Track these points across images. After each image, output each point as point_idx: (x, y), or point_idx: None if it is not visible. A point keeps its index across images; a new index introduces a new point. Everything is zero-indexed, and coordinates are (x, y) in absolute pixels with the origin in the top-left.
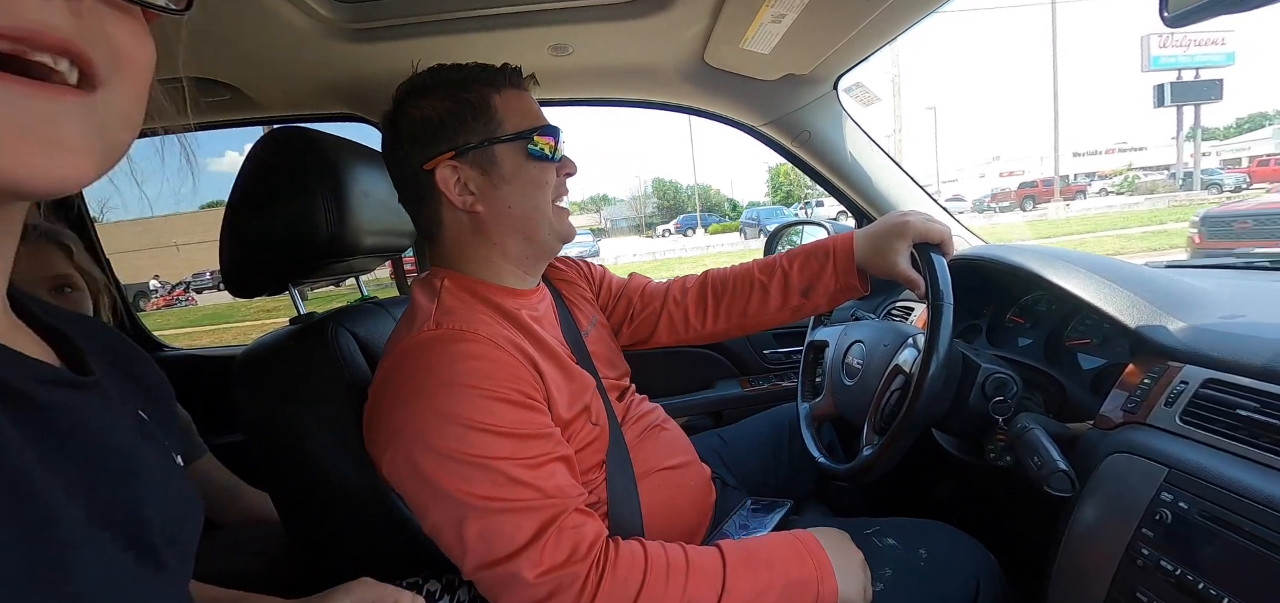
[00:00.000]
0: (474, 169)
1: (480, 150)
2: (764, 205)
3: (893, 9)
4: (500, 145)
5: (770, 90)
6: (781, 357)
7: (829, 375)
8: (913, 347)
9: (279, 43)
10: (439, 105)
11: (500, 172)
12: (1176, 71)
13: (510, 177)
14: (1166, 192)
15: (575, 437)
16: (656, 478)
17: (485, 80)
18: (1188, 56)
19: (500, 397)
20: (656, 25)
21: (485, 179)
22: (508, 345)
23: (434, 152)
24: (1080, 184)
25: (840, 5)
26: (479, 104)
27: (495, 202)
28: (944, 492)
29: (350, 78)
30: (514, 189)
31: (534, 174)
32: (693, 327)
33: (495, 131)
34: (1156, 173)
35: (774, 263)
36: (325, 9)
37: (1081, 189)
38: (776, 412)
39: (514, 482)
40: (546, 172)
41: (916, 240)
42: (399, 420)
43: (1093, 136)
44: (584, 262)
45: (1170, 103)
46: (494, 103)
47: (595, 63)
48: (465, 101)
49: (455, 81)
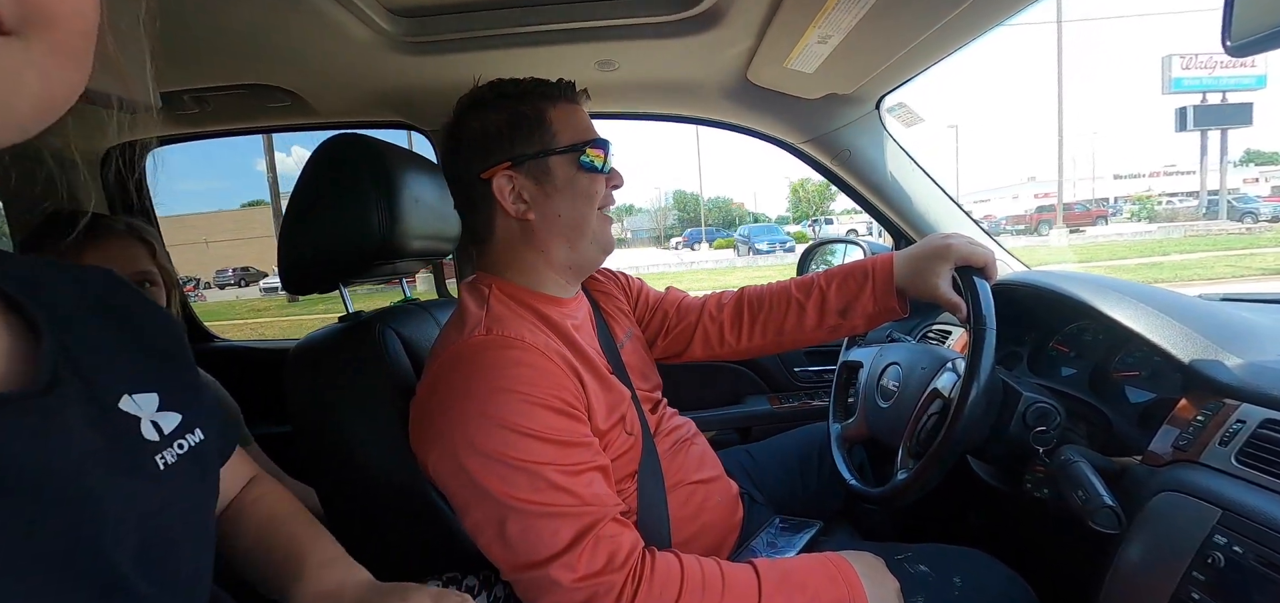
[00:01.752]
0: (528, 179)
1: (535, 161)
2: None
3: (941, 32)
4: (554, 156)
5: (812, 108)
6: (812, 375)
7: (862, 397)
8: (952, 371)
9: (341, 53)
10: (497, 118)
11: (553, 181)
12: (1201, 94)
13: (562, 186)
14: (1188, 220)
15: (611, 446)
16: (685, 491)
17: (541, 94)
18: (1213, 78)
19: (544, 404)
20: (701, 43)
21: (538, 188)
22: (554, 354)
23: (492, 161)
24: (1102, 208)
25: (887, 27)
26: (535, 117)
27: (546, 209)
28: (976, 519)
29: (404, 88)
30: (564, 198)
31: (584, 184)
32: (727, 342)
33: (550, 143)
34: (1189, 198)
35: (811, 282)
36: (387, 23)
37: (1103, 214)
38: (806, 431)
39: (553, 487)
40: (596, 182)
41: (959, 264)
42: (447, 421)
43: (1138, 158)
44: (622, 274)
45: (1193, 127)
46: (549, 116)
47: (639, 78)
48: (522, 114)
49: (513, 95)
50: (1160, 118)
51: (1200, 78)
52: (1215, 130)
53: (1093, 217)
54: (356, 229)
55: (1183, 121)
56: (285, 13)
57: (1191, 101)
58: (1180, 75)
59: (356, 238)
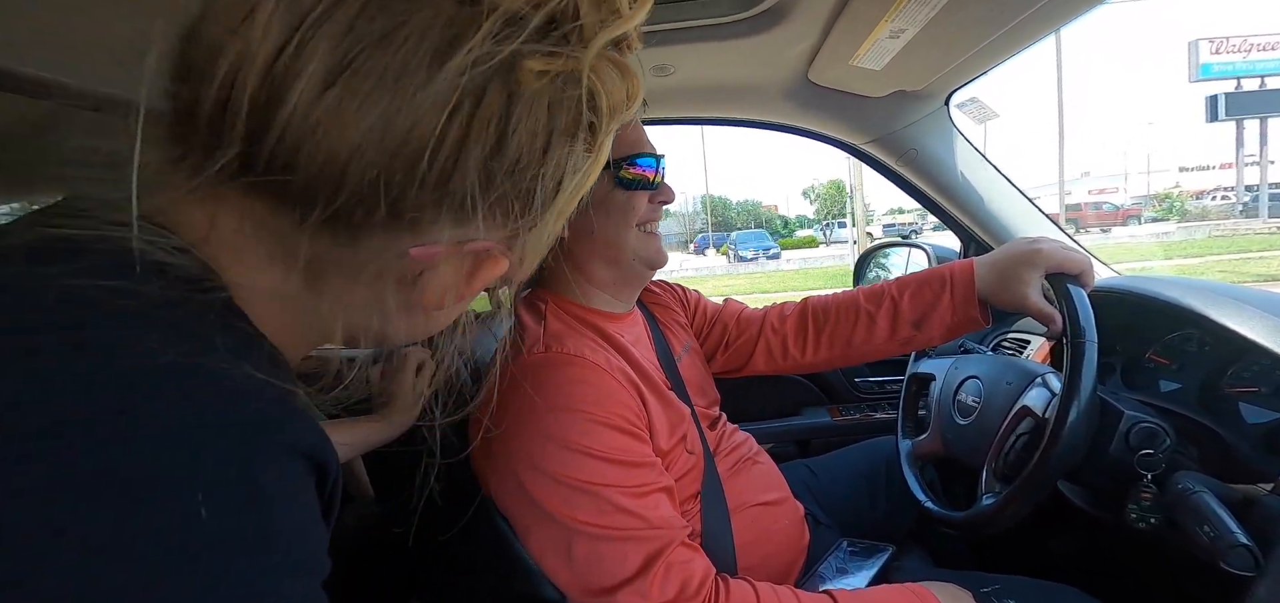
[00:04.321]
0: None
1: None
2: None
3: (1027, 21)
4: None
5: (876, 107)
6: (874, 386)
7: (936, 412)
8: (1042, 387)
9: None
10: None
11: (586, 198)
12: (1234, 80)
13: (595, 203)
14: (1219, 218)
15: (673, 466)
16: (750, 514)
17: None
18: (1247, 63)
19: (607, 423)
20: (761, 43)
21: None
22: (615, 371)
23: None
24: (1135, 208)
25: (968, 19)
26: None
27: (579, 228)
28: (1062, 547)
29: None
30: (598, 216)
31: (619, 202)
32: (792, 356)
33: None
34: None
35: (882, 291)
36: None
37: (1135, 213)
38: (871, 446)
39: (619, 510)
40: (634, 199)
41: (1050, 270)
42: (508, 442)
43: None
44: (678, 286)
45: (1226, 116)
46: None
47: (695, 82)
48: None
49: None
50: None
51: (1232, 62)
52: (1253, 119)
53: (1124, 216)
54: None
55: (1214, 111)
56: None
57: (1223, 89)
58: (1209, 61)
59: None
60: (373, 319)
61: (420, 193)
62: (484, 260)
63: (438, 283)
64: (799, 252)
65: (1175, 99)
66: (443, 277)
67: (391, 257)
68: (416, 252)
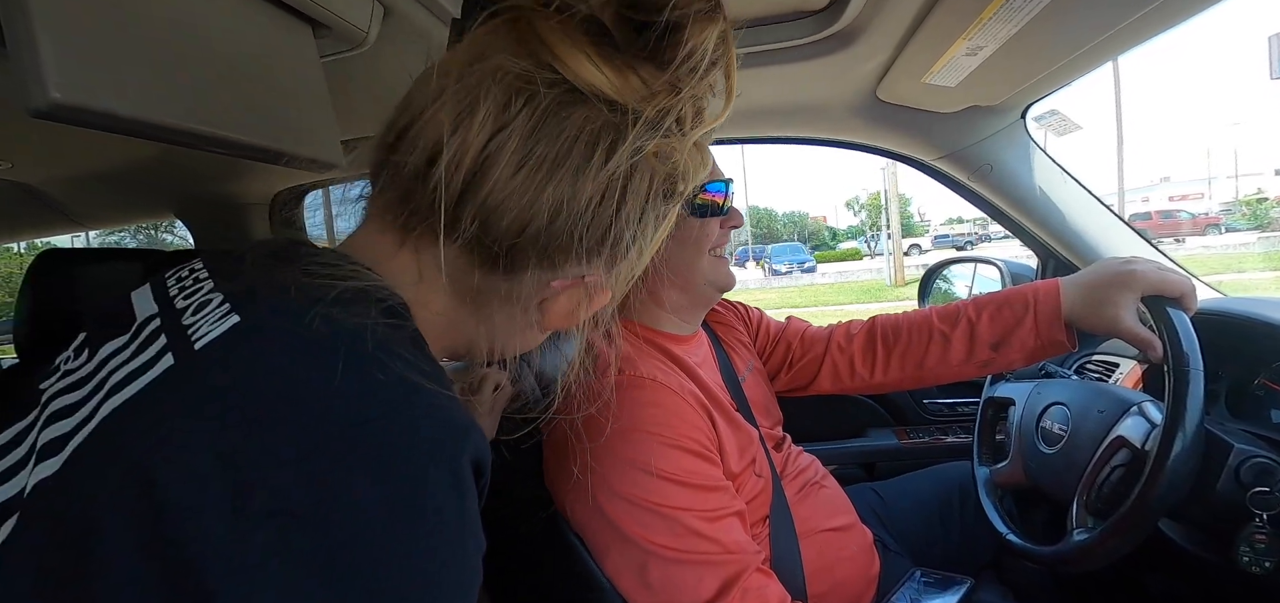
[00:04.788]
0: None
1: None
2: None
3: (1116, 36)
4: None
5: (948, 122)
6: (943, 408)
7: (1017, 439)
8: (1140, 416)
9: None
10: None
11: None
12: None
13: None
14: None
15: (743, 490)
16: (819, 539)
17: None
18: None
19: (679, 445)
20: (831, 64)
21: None
22: (686, 394)
23: None
24: (1213, 216)
25: (1050, 34)
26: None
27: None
28: (1159, 586)
29: None
30: (671, 242)
31: (693, 230)
32: (859, 376)
33: None
34: None
35: (957, 311)
36: None
37: (1215, 221)
38: (942, 471)
39: (693, 533)
40: (707, 225)
41: (1147, 293)
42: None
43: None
44: (740, 304)
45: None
46: None
47: (761, 103)
48: None
49: None
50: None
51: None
52: None
53: (1203, 224)
54: None
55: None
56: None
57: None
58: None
59: None
60: (510, 336)
61: (570, 244)
62: (596, 292)
63: (559, 309)
64: (841, 265)
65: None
66: (563, 304)
67: (537, 288)
68: (557, 284)
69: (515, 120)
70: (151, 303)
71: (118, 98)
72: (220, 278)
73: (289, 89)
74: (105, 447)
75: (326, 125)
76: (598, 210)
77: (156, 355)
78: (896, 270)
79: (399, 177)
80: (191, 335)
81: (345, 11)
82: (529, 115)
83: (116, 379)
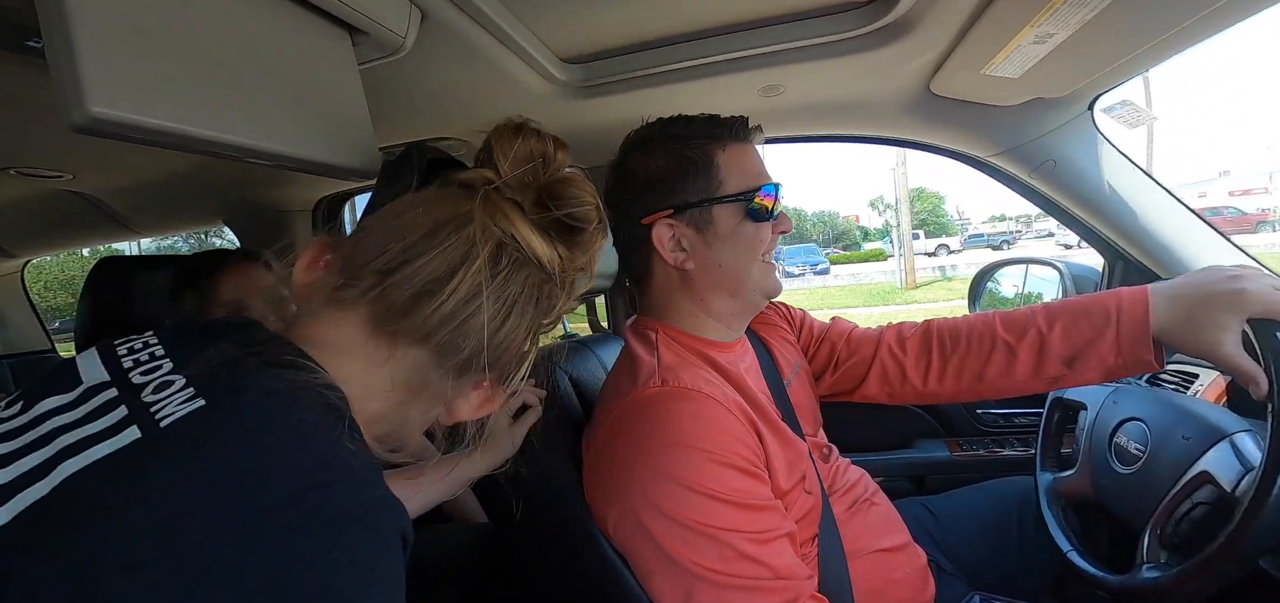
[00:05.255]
0: (689, 227)
1: (698, 209)
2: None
3: (1203, 20)
4: (718, 205)
5: (1007, 116)
6: (999, 419)
7: (1087, 450)
8: (1230, 451)
9: (516, 106)
10: (662, 162)
11: (715, 230)
12: None
13: (724, 235)
14: None
15: (792, 507)
16: (870, 560)
17: (710, 135)
18: None
19: (728, 462)
20: (880, 58)
21: (699, 237)
22: (733, 406)
23: (652, 207)
24: (1264, 213)
25: (1128, 20)
26: (701, 161)
27: (706, 259)
28: None
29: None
30: (726, 248)
31: (748, 234)
32: (911, 384)
33: (715, 191)
34: None
35: (1025, 320)
36: (561, 73)
37: (1265, 217)
38: (999, 486)
39: (743, 557)
40: (762, 230)
41: (1255, 316)
42: (625, 479)
43: None
44: (783, 303)
45: None
46: (717, 159)
47: (805, 101)
48: (688, 159)
49: (680, 137)
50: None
51: None
52: None
53: (1251, 222)
54: None
55: None
56: (472, 73)
57: None
58: None
59: None
60: (420, 423)
61: (502, 361)
62: (496, 396)
63: (470, 404)
64: (861, 266)
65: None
66: (474, 400)
67: (460, 389)
68: (480, 386)
69: (499, 272)
70: (102, 370)
71: (156, 111)
72: (179, 362)
73: (327, 97)
74: (72, 507)
75: (364, 134)
76: (521, 339)
77: (118, 425)
78: (907, 273)
79: (392, 293)
80: (155, 413)
81: (383, 17)
82: (507, 269)
83: (68, 441)
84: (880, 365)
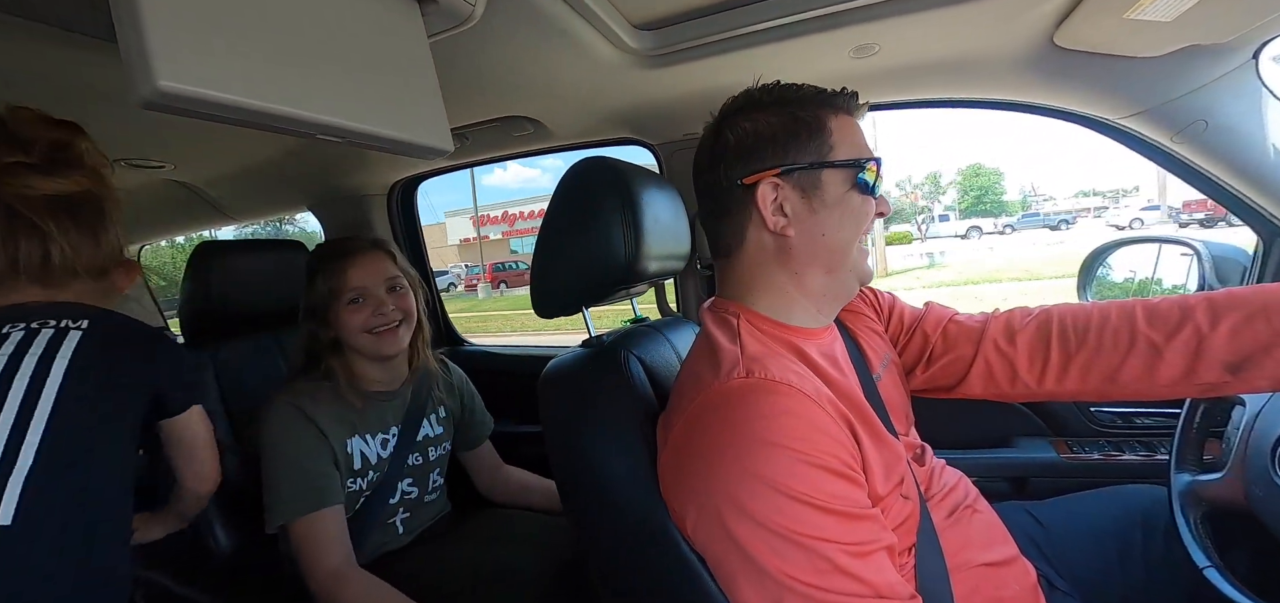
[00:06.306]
0: (795, 190)
1: (807, 172)
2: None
3: None
4: (828, 170)
5: (1150, 70)
6: (1116, 418)
7: (1242, 452)
8: None
9: (587, 78)
10: (773, 121)
11: (821, 196)
12: None
13: (831, 203)
14: None
15: (890, 515)
16: (973, 574)
17: (822, 101)
18: None
19: (822, 464)
20: (993, 9)
21: (804, 202)
22: (826, 402)
23: (759, 166)
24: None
25: None
26: (814, 124)
27: (809, 228)
28: None
29: (637, 104)
30: (832, 217)
31: (856, 205)
32: (1022, 383)
33: (826, 155)
34: None
35: (1179, 313)
36: (632, 40)
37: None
38: (1120, 493)
39: (839, 571)
40: (867, 204)
41: None
42: (707, 477)
43: None
44: (870, 288)
45: None
46: (829, 124)
47: (902, 61)
48: (801, 119)
49: (793, 99)
50: None
51: None
52: None
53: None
54: (603, 253)
55: None
56: (540, 45)
57: None
58: None
59: (603, 262)
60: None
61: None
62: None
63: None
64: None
65: None
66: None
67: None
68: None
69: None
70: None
71: (224, 86)
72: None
73: (398, 70)
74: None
75: (435, 109)
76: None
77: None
78: (879, 260)
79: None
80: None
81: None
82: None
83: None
84: (984, 363)
